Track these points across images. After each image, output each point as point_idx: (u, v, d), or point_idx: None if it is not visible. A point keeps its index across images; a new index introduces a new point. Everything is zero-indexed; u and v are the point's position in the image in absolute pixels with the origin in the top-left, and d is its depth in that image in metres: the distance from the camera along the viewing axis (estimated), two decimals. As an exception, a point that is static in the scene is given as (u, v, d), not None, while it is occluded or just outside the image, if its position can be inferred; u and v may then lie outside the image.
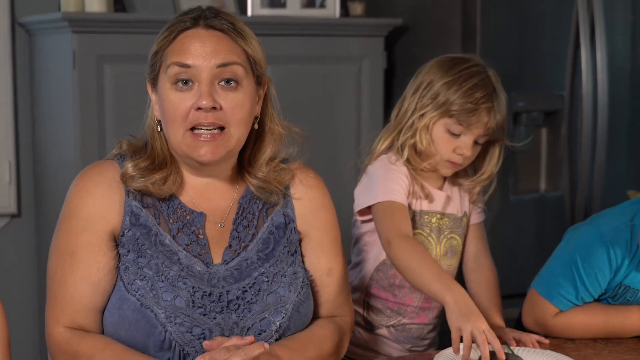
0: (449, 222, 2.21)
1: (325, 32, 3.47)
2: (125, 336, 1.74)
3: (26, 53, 3.40)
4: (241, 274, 1.80)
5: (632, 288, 2.07)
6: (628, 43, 3.65)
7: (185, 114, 1.74)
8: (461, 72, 2.13)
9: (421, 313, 2.22)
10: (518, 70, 3.46)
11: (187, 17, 1.78)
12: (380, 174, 2.15)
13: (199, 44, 1.75)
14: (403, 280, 2.16)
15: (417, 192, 2.16)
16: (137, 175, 1.78)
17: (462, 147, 2.12)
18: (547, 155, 3.63)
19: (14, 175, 3.42)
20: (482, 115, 2.10)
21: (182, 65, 1.74)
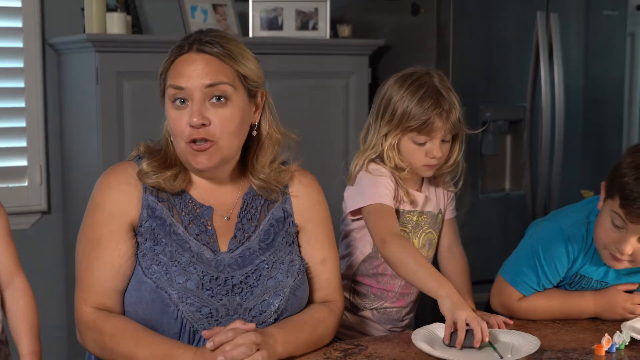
0: (426, 218, 2.20)
1: (317, 51, 3.47)
2: (143, 314, 1.74)
3: (55, 70, 3.39)
4: (244, 261, 1.80)
5: (586, 277, 2.08)
6: (581, 62, 3.67)
7: (183, 130, 1.75)
8: (409, 87, 2.08)
9: (401, 298, 2.21)
10: (486, 85, 3.46)
11: (185, 42, 1.79)
12: (370, 179, 2.12)
13: (191, 67, 1.76)
14: (385, 269, 2.15)
15: (402, 197, 2.14)
16: (151, 172, 1.79)
17: (432, 151, 2.09)
18: (511, 159, 3.64)
19: (44, 177, 3.41)
20: (437, 121, 2.06)
21: (177, 88, 1.76)
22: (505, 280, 2.10)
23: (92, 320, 1.74)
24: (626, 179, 1.86)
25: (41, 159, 3.40)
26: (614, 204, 1.90)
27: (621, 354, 1.83)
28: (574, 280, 2.09)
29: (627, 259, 1.94)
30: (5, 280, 1.68)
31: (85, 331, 1.75)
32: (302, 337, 1.78)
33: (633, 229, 1.89)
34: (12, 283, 1.68)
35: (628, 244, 1.91)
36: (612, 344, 1.83)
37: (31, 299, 1.69)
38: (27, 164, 3.38)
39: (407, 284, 2.17)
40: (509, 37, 3.48)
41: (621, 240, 1.91)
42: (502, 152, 3.61)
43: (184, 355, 1.64)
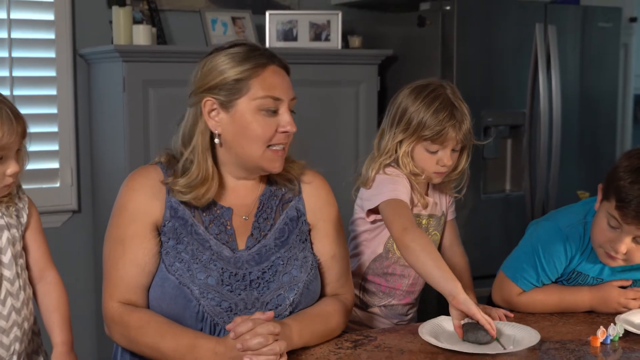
0: (432, 221, 2.19)
1: (329, 61, 3.47)
2: (167, 309, 1.74)
3: (85, 78, 3.40)
4: (261, 258, 1.80)
5: (583, 274, 2.07)
6: (577, 71, 3.67)
7: (272, 135, 1.77)
8: (424, 99, 2.06)
9: (407, 295, 2.20)
10: (488, 92, 3.45)
11: (257, 54, 1.79)
12: (388, 178, 2.10)
13: (280, 80, 1.80)
14: (395, 269, 2.15)
15: (417, 201, 2.13)
16: (185, 192, 1.77)
17: (443, 160, 2.08)
18: (511, 162, 3.64)
19: (75, 179, 3.42)
20: (450, 131, 2.05)
21: (275, 99, 1.77)
22: (506, 276, 2.10)
23: (118, 314, 1.74)
24: (622, 182, 1.85)
25: (72, 162, 3.41)
26: (610, 206, 1.88)
27: (615, 345, 1.82)
28: (571, 277, 2.08)
29: (621, 258, 1.93)
30: (38, 275, 1.68)
31: (112, 325, 1.75)
32: (315, 328, 1.78)
33: (628, 230, 1.87)
34: (44, 277, 1.69)
35: (623, 244, 1.89)
36: (607, 336, 1.82)
37: (62, 291, 1.69)
38: (59, 166, 3.39)
39: (413, 282, 2.17)
40: (509, 48, 3.48)
41: (616, 240, 1.90)
42: (502, 155, 3.61)
43: (206, 345, 1.64)
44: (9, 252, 1.60)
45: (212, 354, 1.62)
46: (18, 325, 1.62)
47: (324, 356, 1.72)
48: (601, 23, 3.70)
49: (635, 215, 1.83)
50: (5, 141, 1.53)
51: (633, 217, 1.84)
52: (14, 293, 1.61)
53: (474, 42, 3.40)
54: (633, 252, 1.91)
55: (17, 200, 1.65)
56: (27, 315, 1.64)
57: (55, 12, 3.30)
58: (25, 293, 1.64)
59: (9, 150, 1.55)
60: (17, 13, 3.25)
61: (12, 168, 1.56)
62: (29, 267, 1.67)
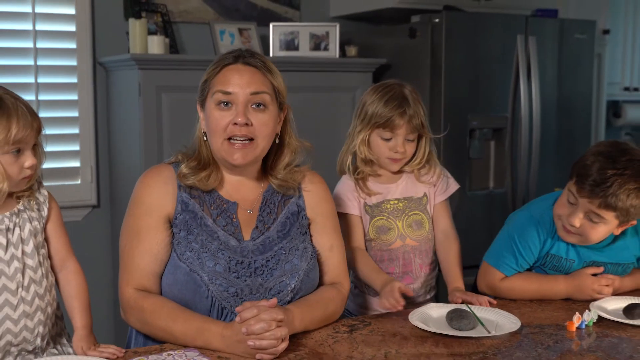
0: (408, 203, 2.17)
1: (327, 68, 3.46)
2: (179, 294, 1.74)
3: (104, 85, 3.39)
4: (265, 248, 1.80)
5: (556, 256, 2.07)
6: (555, 78, 3.66)
7: (225, 127, 1.76)
8: (380, 92, 2.11)
9: (405, 276, 2.17)
10: (473, 98, 3.45)
11: (230, 55, 1.81)
12: (336, 191, 2.17)
13: (238, 75, 1.78)
14: (382, 255, 2.14)
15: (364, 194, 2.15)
16: (189, 174, 1.80)
17: (396, 146, 2.10)
18: (494, 162, 3.63)
19: (94, 176, 3.41)
20: (398, 119, 2.07)
21: (225, 93, 1.77)
22: (488, 264, 2.10)
23: (133, 300, 1.74)
24: (586, 161, 1.91)
25: (92, 161, 3.40)
26: (571, 183, 1.94)
27: (590, 329, 1.82)
28: (546, 261, 2.08)
29: (575, 232, 1.96)
30: (59, 264, 1.68)
31: (127, 309, 1.75)
32: (315, 314, 1.78)
33: (582, 204, 1.91)
34: (65, 266, 1.68)
35: (577, 218, 1.93)
36: (582, 321, 1.82)
37: (82, 279, 1.69)
38: (80, 165, 3.38)
39: (405, 262, 2.15)
40: (493, 57, 3.47)
41: (572, 214, 1.94)
42: (486, 155, 3.60)
43: (215, 329, 1.63)
44: (31, 243, 1.60)
45: (220, 337, 1.62)
46: (41, 310, 1.62)
47: (323, 339, 1.72)
48: (577, 34, 3.70)
49: (590, 190, 1.87)
50: (22, 134, 1.53)
51: (588, 192, 1.88)
52: (37, 280, 1.60)
53: (461, 51, 3.40)
54: (587, 229, 1.94)
55: (37, 195, 1.65)
56: (49, 301, 1.64)
57: (77, 23, 3.30)
58: (48, 281, 1.64)
59: (26, 143, 1.56)
60: (42, 25, 3.25)
61: (29, 161, 1.56)
62: (51, 256, 1.67)
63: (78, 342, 1.61)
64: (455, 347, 1.68)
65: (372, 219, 2.15)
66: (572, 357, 1.63)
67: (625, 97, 5.03)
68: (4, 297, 1.56)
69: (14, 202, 1.61)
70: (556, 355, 1.63)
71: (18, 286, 1.58)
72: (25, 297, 1.59)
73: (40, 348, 1.63)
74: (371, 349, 1.66)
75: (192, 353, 1.61)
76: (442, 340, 1.71)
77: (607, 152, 1.90)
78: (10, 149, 1.53)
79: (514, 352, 1.65)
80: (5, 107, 1.52)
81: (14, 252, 1.58)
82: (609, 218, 1.91)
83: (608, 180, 1.85)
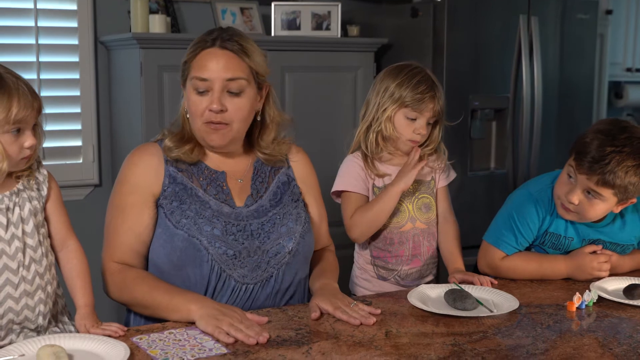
0: (417, 185, 2.17)
1: (329, 48, 3.44)
2: (178, 261, 1.77)
3: (105, 64, 3.38)
4: (259, 214, 1.85)
5: (555, 234, 2.07)
6: (557, 59, 3.64)
7: (202, 112, 1.80)
8: (406, 74, 2.11)
9: (414, 259, 2.17)
10: (475, 78, 3.43)
11: (209, 38, 1.82)
12: (343, 169, 2.17)
13: (214, 61, 1.79)
14: (392, 238, 2.14)
15: (372, 175, 2.15)
16: (173, 147, 1.84)
17: (419, 128, 2.10)
18: (495, 142, 3.62)
19: (96, 155, 3.41)
20: (428, 102, 2.08)
21: (201, 79, 1.80)
22: (489, 243, 2.10)
23: (117, 270, 1.78)
24: (585, 139, 1.90)
25: (93, 140, 3.40)
26: (571, 159, 1.94)
27: (590, 309, 1.82)
28: (545, 239, 2.08)
29: (573, 209, 1.96)
30: (59, 243, 1.68)
31: (110, 280, 1.79)
32: (335, 274, 1.96)
33: (581, 181, 1.91)
34: (66, 245, 1.68)
35: (575, 195, 1.93)
36: (582, 301, 1.82)
37: (83, 258, 1.69)
38: (82, 144, 3.38)
39: (415, 245, 2.16)
40: (495, 37, 3.45)
41: (570, 191, 1.94)
42: (488, 136, 3.59)
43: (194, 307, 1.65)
44: (31, 222, 1.59)
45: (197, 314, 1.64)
46: (42, 288, 1.62)
47: (324, 318, 1.72)
48: (579, 15, 3.67)
49: (588, 167, 1.87)
50: (22, 114, 1.52)
51: (586, 169, 1.88)
52: (37, 259, 1.60)
53: (463, 31, 3.37)
54: (585, 205, 1.94)
55: (37, 174, 1.64)
56: (50, 280, 1.64)
57: (78, 2, 3.28)
58: (48, 259, 1.63)
59: (26, 123, 1.55)
60: (43, 3, 3.22)
61: (29, 141, 1.55)
62: (51, 236, 1.67)
63: (80, 320, 1.61)
64: (456, 326, 1.68)
65: None
66: (572, 337, 1.63)
67: (627, 78, 5.00)
68: (5, 276, 1.56)
69: (13, 182, 1.60)
70: (556, 335, 1.64)
71: (19, 265, 1.58)
72: (26, 276, 1.59)
73: (42, 327, 1.64)
74: (372, 328, 1.66)
75: (194, 331, 1.61)
76: (442, 320, 1.71)
77: (607, 129, 1.90)
78: (11, 128, 1.52)
79: (514, 332, 1.65)
80: (6, 87, 1.51)
81: (15, 231, 1.57)
82: (607, 195, 1.91)
83: (606, 157, 1.85)
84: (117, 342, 1.50)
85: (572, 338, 1.62)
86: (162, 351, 1.50)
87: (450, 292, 1.81)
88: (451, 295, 1.79)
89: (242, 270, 1.77)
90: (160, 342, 1.55)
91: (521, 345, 1.57)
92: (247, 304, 1.79)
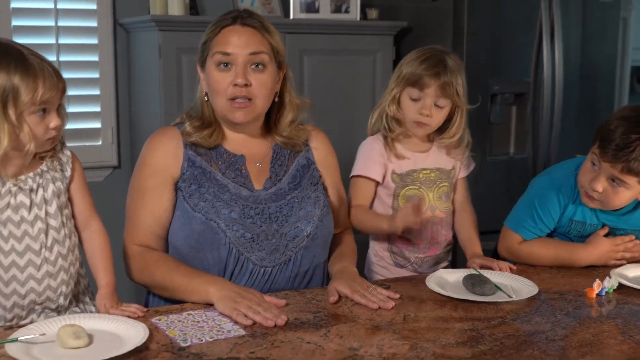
0: (439, 174, 2.15)
1: (348, 31, 3.42)
2: (195, 244, 1.78)
3: (124, 46, 3.38)
4: (277, 197, 1.85)
5: (580, 222, 2.06)
6: (579, 42, 3.61)
7: (226, 89, 1.80)
8: (419, 53, 2.07)
9: (432, 247, 2.16)
10: (495, 62, 3.41)
11: (228, 17, 1.84)
12: (363, 151, 2.15)
13: (236, 37, 1.80)
14: None
15: (393, 157, 2.11)
16: (192, 131, 1.85)
17: (423, 108, 2.04)
18: (515, 127, 3.60)
19: (115, 137, 3.43)
20: (429, 79, 2.02)
21: (224, 54, 1.80)
22: (508, 228, 2.11)
23: (138, 253, 1.80)
24: (609, 126, 1.88)
25: (112, 122, 3.41)
26: (595, 147, 1.92)
27: (610, 296, 1.81)
28: (570, 228, 2.07)
29: (597, 197, 1.94)
30: (82, 224, 1.69)
31: (131, 262, 1.81)
32: (354, 259, 1.96)
33: (605, 169, 1.89)
34: (88, 225, 1.69)
35: (599, 182, 1.91)
36: (602, 288, 1.81)
37: (105, 238, 1.70)
38: (101, 126, 3.39)
39: (433, 234, 2.15)
40: (516, 20, 3.42)
41: (594, 179, 1.92)
42: (507, 120, 3.57)
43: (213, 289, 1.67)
44: (54, 204, 1.60)
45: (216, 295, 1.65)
46: (64, 270, 1.63)
47: (342, 302, 1.72)
48: (602, -2, 3.64)
49: (613, 155, 1.85)
50: (48, 95, 1.53)
51: (610, 156, 1.86)
52: (60, 240, 1.61)
53: (483, 14, 3.35)
54: (609, 193, 1.92)
55: (60, 155, 1.65)
56: (72, 261, 1.65)
57: (97, -16, 3.28)
58: (71, 240, 1.64)
59: (51, 104, 1.55)
60: (62, -16, 3.23)
61: (54, 122, 1.56)
62: (75, 216, 1.68)
63: (101, 300, 1.62)
64: (474, 311, 1.67)
65: (402, 189, 2.12)
66: (592, 323, 1.62)
67: (650, 63, 4.95)
68: (28, 257, 1.58)
69: (37, 163, 1.61)
70: (575, 321, 1.63)
71: (41, 246, 1.59)
72: (48, 257, 1.60)
73: (63, 307, 1.65)
74: (390, 312, 1.66)
75: (212, 313, 1.62)
76: (460, 305, 1.71)
77: (631, 116, 1.88)
78: (37, 109, 1.53)
79: (533, 318, 1.64)
80: (31, 68, 1.51)
81: (38, 212, 1.59)
82: (631, 183, 1.89)
83: (631, 145, 1.83)
84: (137, 322, 1.51)
85: (591, 325, 1.61)
86: (180, 332, 1.51)
87: (469, 277, 1.80)
88: (470, 280, 1.79)
89: (260, 253, 1.78)
90: (179, 323, 1.56)
91: (540, 331, 1.56)
92: (265, 287, 1.80)
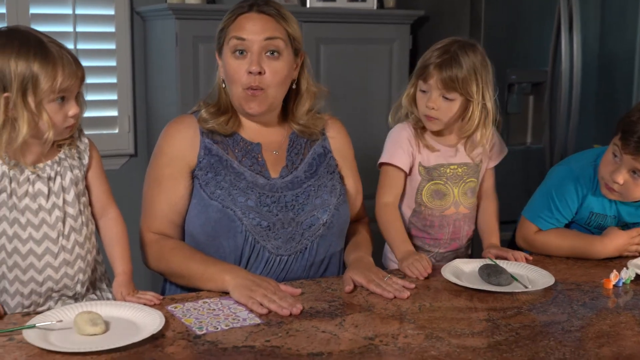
0: (467, 169, 2.09)
1: (365, 20, 3.41)
2: (212, 232, 1.79)
3: (141, 34, 3.39)
4: (294, 185, 1.86)
5: (600, 214, 2.05)
6: (597, 32, 3.57)
7: (241, 77, 1.80)
8: (434, 45, 2.01)
9: (452, 242, 2.13)
10: (512, 51, 3.39)
11: (245, 4, 1.84)
12: (392, 138, 2.08)
13: (252, 23, 1.80)
14: (433, 221, 2.08)
15: (423, 146, 2.05)
16: (208, 118, 1.86)
17: (430, 101, 1.98)
18: (532, 117, 3.58)
19: (132, 125, 3.44)
20: (433, 70, 1.95)
21: (239, 39, 1.80)
22: (526, 218, 2.11)
23: (154, 241, 1.81)
24: (632, 117, 1.86)
25: (129, 110, 3.42)
26: (616, 138, 1.90)
27: (627, 287, 1.80)
28: (591, 219, 2.07)
29: (617, 189, 1.93)
30: (100, 212, 1.70)
31: (148, 250, 1.82)
32: (369, 249, 1.97)
33: (626, 161, 1.88)
34: (106, 213, 1.70)
35: (620, 174, 1.90)
36: (619, 279, 1.80)
37: (123, 226, 1.71)
38: (118, 114, 3.40)
39: (455, 229, 2.11)
40: (534, 9, 3.40)
41: (615, 170, 1.91)
42: (524, 110, 3.55)
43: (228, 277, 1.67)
44: (72, 192, 1.61)
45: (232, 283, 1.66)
46: (81, 257, 1.64)
47: (357, 291, 1.72)
48: (622, -13, 3.60)
49: (635, 147, 1.84)
50: (67, 83, 1.53)
51: (632, 148, 1.85)
52: (77, 229, 1.62)
53: (501, 3, 3.32)
54: (630, 185, 1.91)
55: (78, 143, 1.66)
56: (89, 249, 1.66)
57: (114, -28, 3.29)
58: (88, 228, 1.65)
59: (70, 92, 1.56)
60: (80, -27, 3.24)
61: (73, 110, 1.57)
62: (92, 204, 1.69)
63: (118, 287, 1.63)
64: (490, 301, 1.67)
65: (427, 182, 2.07)
66: (608, 314, 1.62)
67: (670, 54, 4.90)
68: (45, 245, 1.59)
69: (55, 151, 1.62)
70: (592, 312, 1.62)
71: (59, 235, 1.60)
72: (65, 245, 1.61)
73: (80, 294, 1.66)
74: (405, 301, 1.66)
75: (228, 301, 1.62)
76: (476, 295, 1.71)
77: None
78: (56, 97, 1.53)
79: (549, 308, 1.64)
80: (51, 56, 1.52)
81: (55, 200, 1.59)
82: None
83: None
84: (153, 310, 1.52)
85: (608, 315, 1.61)
86: (196, 320, 1.52)
87: (485, 267, 1.80)
88: (485, 271, 1.78)
89: (276, 241, 1.78)
90: (195, 311, 1.57)
91: (556, 322, 1.56)
92: (281, 275, 1.80)
